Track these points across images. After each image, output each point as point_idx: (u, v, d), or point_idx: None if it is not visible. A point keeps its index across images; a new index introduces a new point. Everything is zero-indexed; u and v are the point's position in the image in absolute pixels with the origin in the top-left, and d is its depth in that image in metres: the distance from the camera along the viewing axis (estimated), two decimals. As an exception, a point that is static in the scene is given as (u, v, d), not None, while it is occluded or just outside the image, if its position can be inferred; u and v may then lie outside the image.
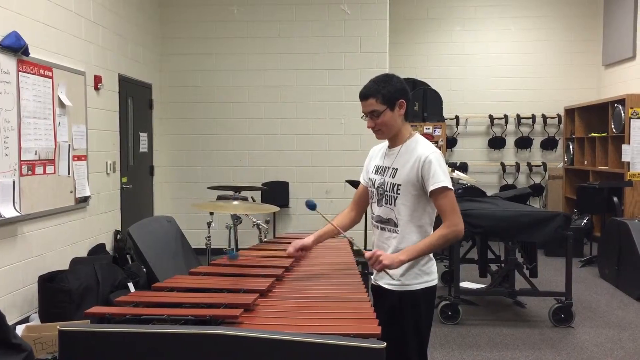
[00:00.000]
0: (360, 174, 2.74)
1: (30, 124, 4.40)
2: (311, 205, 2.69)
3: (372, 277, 2.63)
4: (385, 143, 2.61)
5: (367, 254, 2.41)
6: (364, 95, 2.46)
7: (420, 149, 2.43)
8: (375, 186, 2.57)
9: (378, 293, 2.56)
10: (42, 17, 4.63)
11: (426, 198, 2.43)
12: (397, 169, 2.47)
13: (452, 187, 2.39)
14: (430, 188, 2.37)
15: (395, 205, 2.46)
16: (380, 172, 2.56)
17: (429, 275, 2.48)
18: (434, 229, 2.47)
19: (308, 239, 2.74)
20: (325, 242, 3.66)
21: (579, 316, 4.94)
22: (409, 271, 2.44)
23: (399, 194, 2.45)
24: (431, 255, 2.49)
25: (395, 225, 2.47)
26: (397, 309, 2.45)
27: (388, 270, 2.38)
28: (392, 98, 2.42)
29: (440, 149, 8.04)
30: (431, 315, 2.53)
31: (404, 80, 2.52)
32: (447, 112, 8.72)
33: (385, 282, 2.49)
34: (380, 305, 2.50)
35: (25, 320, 4.33)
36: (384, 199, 2.51)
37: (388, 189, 2.49)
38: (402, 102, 2.45)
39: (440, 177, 2.36)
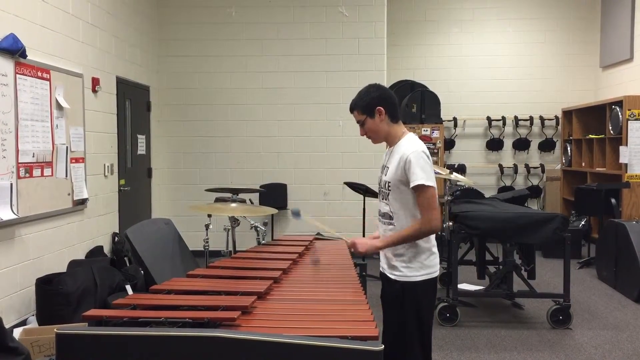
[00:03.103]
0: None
1: (28, 126, 4.40)
2: (295, 213, 2.98)
3: (380, 263, 2.81)
4: None
5: (348, 241, 2.73)
6: (350, 109, 2.76)
7: (404, 147, 2.62)
8: (378, 184, 2.82)
9: (384, 280, 2.76)
10: (39, 20, 4.62)
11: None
12: (388, 167, 2.70)
13: (430, 184, 2.55)
14: (411, 185, 2.58)
15: (389, 200, 2.68)
16: (381, 171, 2.79)
17: (431, 268, 2.66)
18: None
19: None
20: (322, 244, 3.67)
21: (577, 318, 4.94)
22: (412, 264, 2.63)
23: (390, 189, 2.66)
24: (433, 249, 2.68)
25: (391, 218, 2.67)
26: (399, 298, 2.65)
27: (392, 261, 2.64)
28: (369, 107, 2.67)
29: (438, 151, 8.10)
30: (432, 304, 2.74)
31: (385, 87, 2.75)
32: (445, 113, 8.72)
33: (390, 271, 2.69)
34: (385, 291, 2.75)
35: (23, 323, 4.32)
36: (381, 195, 2.75)
37: (383, 186, 2.72)
38: (379, 109, 2.66)
39: (417, 175, 2.54)
